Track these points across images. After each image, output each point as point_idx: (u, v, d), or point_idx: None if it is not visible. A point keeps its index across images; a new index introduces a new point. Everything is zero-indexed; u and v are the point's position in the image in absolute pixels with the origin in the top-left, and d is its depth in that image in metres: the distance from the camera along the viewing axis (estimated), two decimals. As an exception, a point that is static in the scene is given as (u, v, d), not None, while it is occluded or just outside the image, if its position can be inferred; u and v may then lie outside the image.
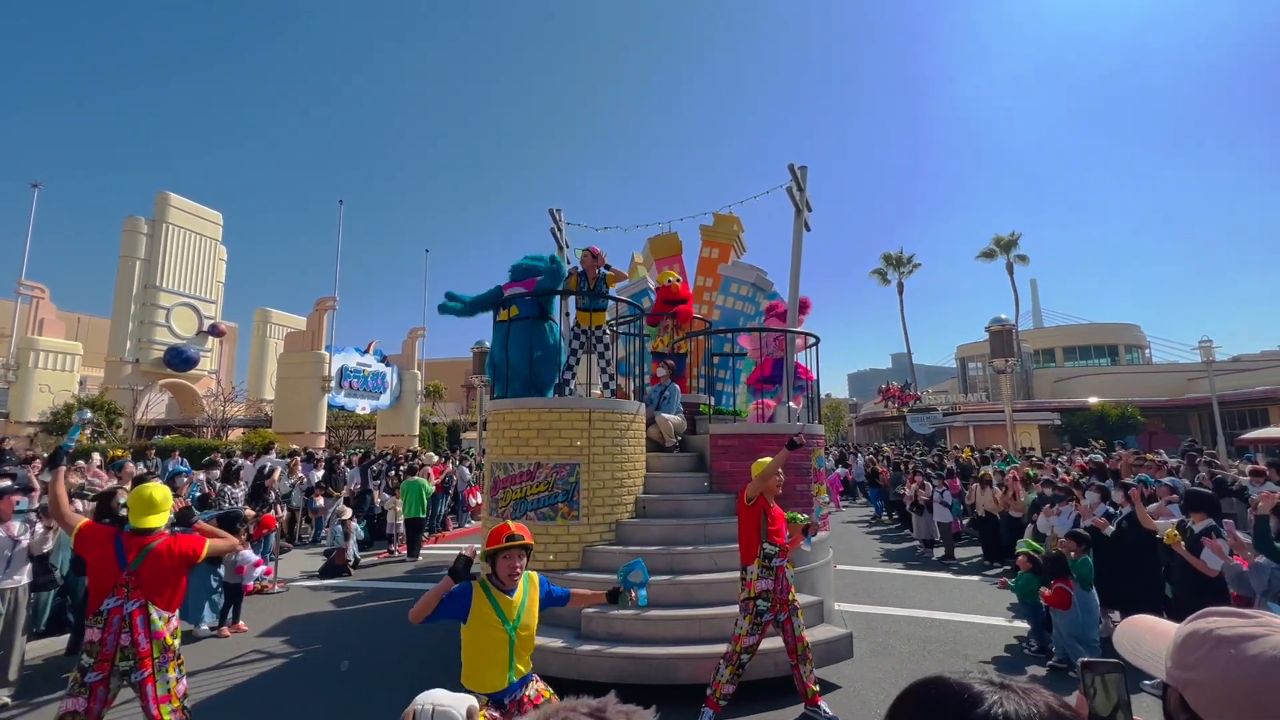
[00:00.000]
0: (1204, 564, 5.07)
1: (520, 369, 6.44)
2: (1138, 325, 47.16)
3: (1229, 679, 0.69)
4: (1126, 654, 0.86)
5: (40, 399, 20.44)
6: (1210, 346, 19.16)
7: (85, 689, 3.12)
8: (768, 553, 4.43)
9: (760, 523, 4.47)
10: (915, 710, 0.66)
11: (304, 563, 10.01)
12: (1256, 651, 0.68)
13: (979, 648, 6.05)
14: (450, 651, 5.78)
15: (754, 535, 4.47)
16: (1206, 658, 0.72)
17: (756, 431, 7.01)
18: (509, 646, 2.83)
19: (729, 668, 4.33)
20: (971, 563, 10.17)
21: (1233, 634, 0.71)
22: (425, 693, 0.83)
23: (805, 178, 8.01)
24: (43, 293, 21.55)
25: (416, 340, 28.50)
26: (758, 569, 4.42)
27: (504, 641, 2.82)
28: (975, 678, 0.66)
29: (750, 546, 4.49)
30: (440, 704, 0.77)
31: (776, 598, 4.40)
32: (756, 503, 4.50)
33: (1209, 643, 0.72)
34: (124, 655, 3.17)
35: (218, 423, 23.49)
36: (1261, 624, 0.71)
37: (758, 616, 4.35)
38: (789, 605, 4.47)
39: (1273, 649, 0.68)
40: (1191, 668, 0.73)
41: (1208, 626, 0.74)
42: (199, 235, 24.74)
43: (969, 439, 28.46)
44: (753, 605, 4.36)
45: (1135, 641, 0.86)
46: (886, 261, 42.17)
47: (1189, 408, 33.92)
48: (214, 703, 4.76)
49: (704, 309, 10.19)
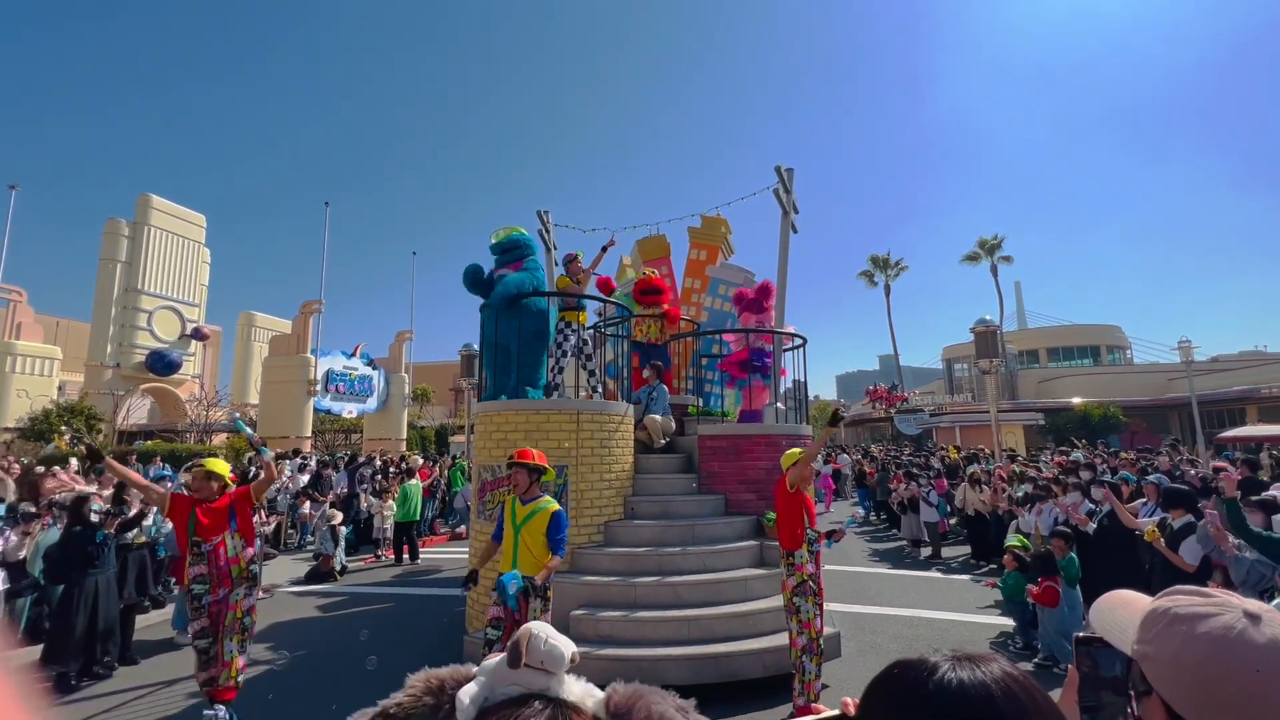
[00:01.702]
0: (1182, 560, 5.15)
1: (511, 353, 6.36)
2: (1119, 326, 47.86)
3: (1178, 655, 0.71)
4: (1099, 628, 0.87)
5: (18, 404, 20.04)
6: (1189, 347, 19.47)
7: (203, 610, 4.14)
8: (810, 538, 4.56)
9: (802, 509, 4.59)
10: (882, 688, 0.71)
11: (290, 569, 9.88)
12: (1205, 630, 0.70)
13: (965, 646, 6.03)
14: (435, 655, 5.74)
15: (798, 521, 4.56)
16: (1161, 634, 0.74)
17: (745, 433, 7.03)
18: (514, 542, 4.11)
19: (814, 659, 4.36)
20: (959, 562, 10.25)
21: (1187, 612, 0.73)
22: (537, 622, 0.82)
23: (792, 180, 8.06)
24: (20, 296, 21.16)
25: (404, 343, 28.30)
26: (806, 553, 4.54)
27: (511, 535, 4.14)
28: (936, 654, 0.69)
29: (795, 533, 4.57)
30: (552, 638, 0.78)
31: (818, 582, 4.53)
32: (797, 489, 4.61)
33: (1165, 619, 0.74)
34: (237, 571, 4.28)
35: (201, 427, 23.16)
36: (1217, 604, 0.73)
37: (816, 596, 4.47)
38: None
39: (1222, 628, 0.69)
40: (1149, 642, 0.75)
41: (1168, 604, 0.76)
42: (181, 238, 24.39)
43: (955, 439, 28.71)
44: (809, 586, 4.47)
45: (1108, 615, 0.87)
46: (874, 264, 42.51)
47: (1169, 407, 34.45)
48: (195, 711, 4.68)
49: (692, 310, 10.21)
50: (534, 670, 0.85)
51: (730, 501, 6.66)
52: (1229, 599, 0.74)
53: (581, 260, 7.12)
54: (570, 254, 7.18)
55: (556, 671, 0.84)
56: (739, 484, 6.68)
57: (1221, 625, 0.70)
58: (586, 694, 0.83)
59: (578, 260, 7.09)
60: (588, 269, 7.32)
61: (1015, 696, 0.64)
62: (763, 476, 6.63)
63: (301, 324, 23.73)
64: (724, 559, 5.89)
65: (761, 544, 6.16)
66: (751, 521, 6.44)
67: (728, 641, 5.08)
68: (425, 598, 8.18)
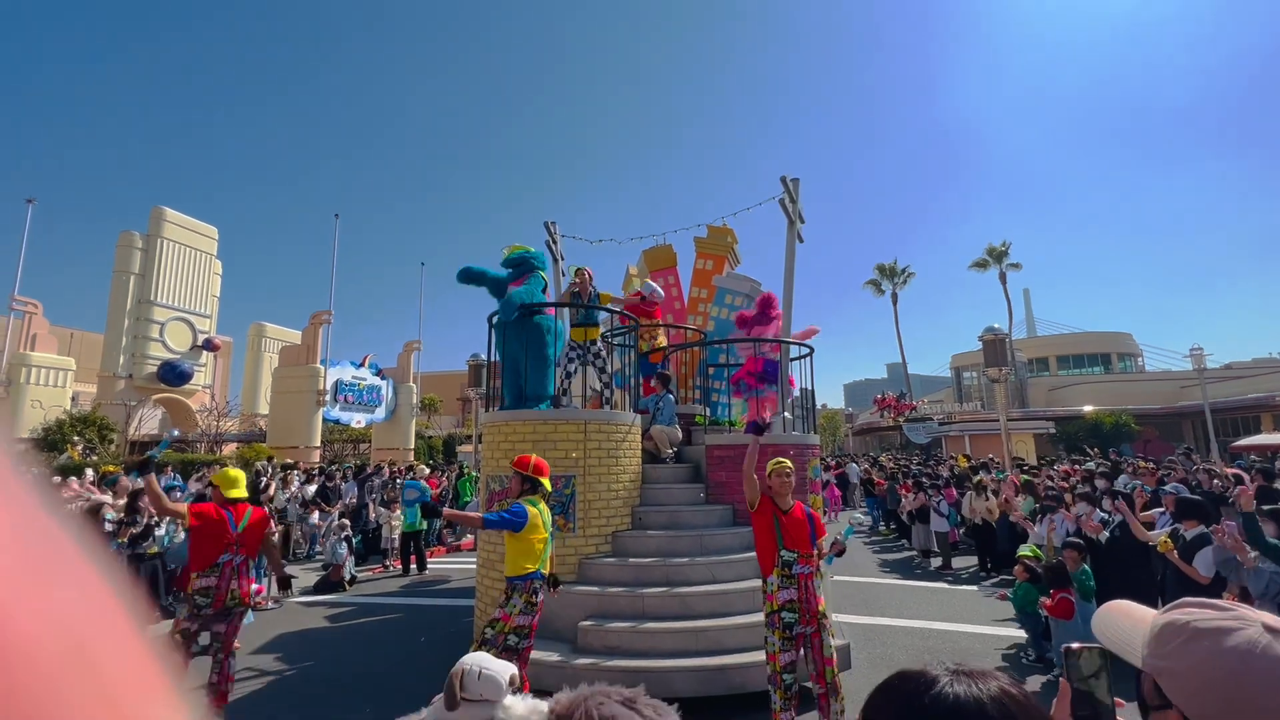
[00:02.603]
0: (1196, 571, 5.09)
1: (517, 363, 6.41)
2: (1130, 333, 47.51)
3: (1206, 671, 0.70)
4: (1102, 637, 0.88)
5: (32, 415, 20.28)
6: (1202, 354, 19.32)
7: (198, 617, 4.24)
8: (785, 560, 4.02)
9: (772, 528, 4.10)
10: (881, 698, 0.72)
11: (299, 578, 9.91)
12: (1233, 644, 0.70)
13: (977, 658, 6.00)
14: (443, 666, 5.74)
15: (768, 543, 4.11)
16: (1182, 649, 0.73)
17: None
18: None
19: (776, 691, 3.96)
20: (969, 573, 10.15)
21: (1209, 626, 0.73)
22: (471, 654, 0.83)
23: (798, 190, 8.09)
24: (35, 308, 21.47)
25: (412, 354, 28.44)
26: (777, 579, 4.05)
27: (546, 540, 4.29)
28: (935, 667, 0.70)
29: (766, 556, 4.14)
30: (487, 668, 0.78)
31: (804, 608, 4.01)
32: (762, 507, 4.15)
33: (1185, 634, 0.74)
34: (233, 597, 4.32)
35: (211, 437, 23.33)
36: (1236, 616, 0.73)
37: (786, 630, 3.98)
38: (817, 618, 4.06)
39: (1248, 642, 0.69)
40: (1167, 657, 0.75)
41: (1185, 618, 0.76)
42: (194, 250, 24.70)
43: (965, 448, 28.49)
44: (778, 619, 4.00)
45: (1113, 626, 0.87)
46: (881, 272, 42.45)
47: (1183, 415, 34.06)
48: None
49: (699, 320, 10.23)
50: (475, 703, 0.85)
51: (738, 512, 6.63)
52: (1245, 612, 0.74)
53: (590, 278, 7.10)
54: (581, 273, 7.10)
55: (498, 698, 0.85)
56: (747, 494, 6.66)
57: (1245, 640, 0.70)
58: (532, 710, 0.83)
59: (585, 277, 7.04)
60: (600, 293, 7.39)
61: (1011, 715, 0.64)
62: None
63: (311, 334, 23.93)
64: (733, 569, 5.86)
65: (770, 554, 6.13)
66: (759, 532, 6.41)
67: (737, 653, 5.04)
68: (434, 608, 8.19)
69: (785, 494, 4.17)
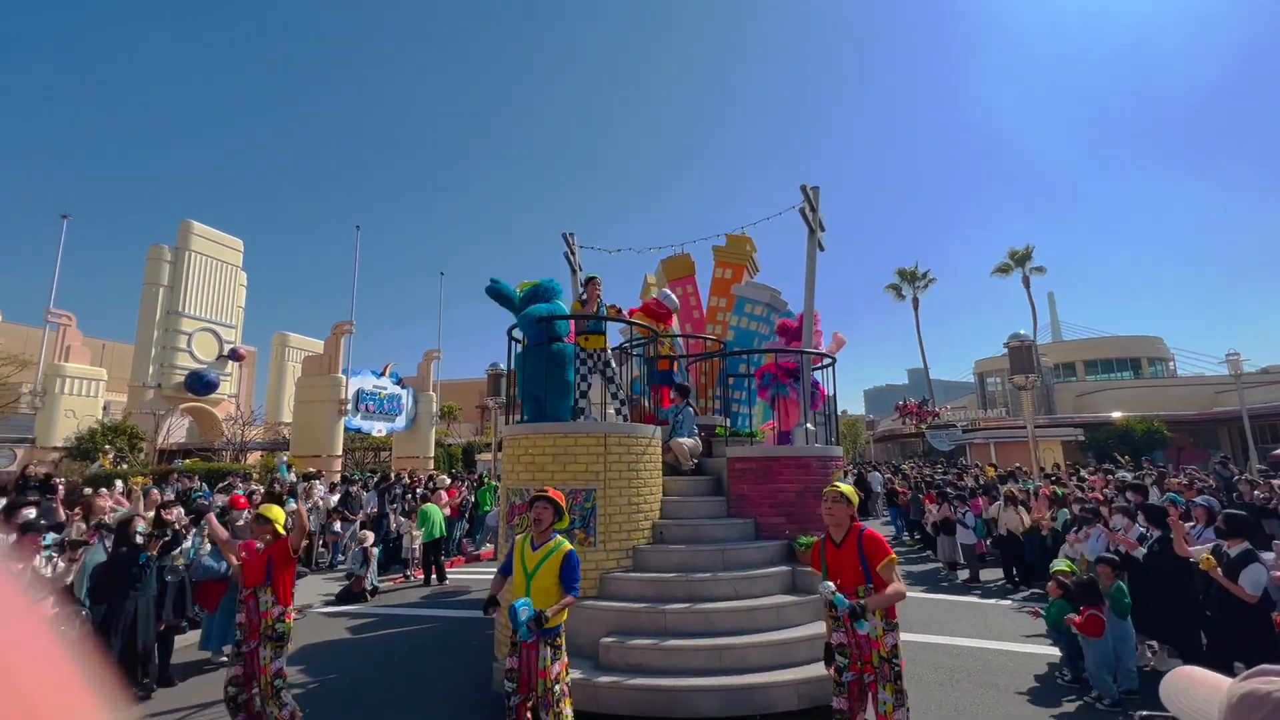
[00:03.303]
0: (1242, 590, 4.88)
1: (536, 392, 6.45)
2: (1160, 338, 46.30)
3: None
4: (1173, 707, 0.83)
5: (66, 424, 20.80)
6: (1238, 359, 18.76)
7: (241, 658, 4.26)
8: (825, 598, 3.47)
9: (819, 562, 3.77)
10: None
11: (321, 588, 10.00)
12: None
13: (1010, 677, 5.86)
14: (466, 679, 5.71)
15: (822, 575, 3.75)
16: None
17: (775, 454, 6.93)
18: (526, 589, 3.81)
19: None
20: (997, 585, 9.90)
21: None
22: None
23: (818, 198, 8.01)
24: (70, 320, 22.06)
25: (432, 362, 28.72)
26: (828, 616, 3.67)
27: (523, 582, 3.85)
28: None
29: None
30: None
31: (854, 654, 3.56)
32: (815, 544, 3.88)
33: (1267, 706, 0.69)
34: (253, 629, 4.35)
35: (236, 446, 23.75)
36: None
37: (838, 674, 3.58)
38: (874, 668, 3.52)
39: None
40: None
41: (1267, 688, 0.71)
42: (220, 262, 25.27)
43: (990, 456, 27.93)
44: (833, 658, 3.63)
45: (1184, 694, 0.83)
46: (901, 277, 41.95)
47: (1217, 421, 33.07)
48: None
49: (718, 329, 10.17)
50: None
51: (761, 525, 6.54)
52: None
53: (599, 287, 7.07)
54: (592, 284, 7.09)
55: None
56: (769, 507, 6.57)
57: None
58: None
59: (595, 286, 7.02)
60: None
61: None
62: (794, 499, 6.51)
63: (333, 344, 24.27)
64: (756, 585, 5.77)
65: (794, 569, 6.03)
66: (783, 546, 6.31)
67: (761, 672, 4.95)
68: (455, 620, 8.18)
69: (832, 524, 3.74)
